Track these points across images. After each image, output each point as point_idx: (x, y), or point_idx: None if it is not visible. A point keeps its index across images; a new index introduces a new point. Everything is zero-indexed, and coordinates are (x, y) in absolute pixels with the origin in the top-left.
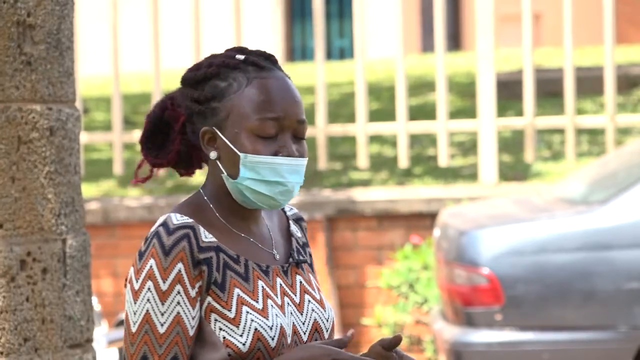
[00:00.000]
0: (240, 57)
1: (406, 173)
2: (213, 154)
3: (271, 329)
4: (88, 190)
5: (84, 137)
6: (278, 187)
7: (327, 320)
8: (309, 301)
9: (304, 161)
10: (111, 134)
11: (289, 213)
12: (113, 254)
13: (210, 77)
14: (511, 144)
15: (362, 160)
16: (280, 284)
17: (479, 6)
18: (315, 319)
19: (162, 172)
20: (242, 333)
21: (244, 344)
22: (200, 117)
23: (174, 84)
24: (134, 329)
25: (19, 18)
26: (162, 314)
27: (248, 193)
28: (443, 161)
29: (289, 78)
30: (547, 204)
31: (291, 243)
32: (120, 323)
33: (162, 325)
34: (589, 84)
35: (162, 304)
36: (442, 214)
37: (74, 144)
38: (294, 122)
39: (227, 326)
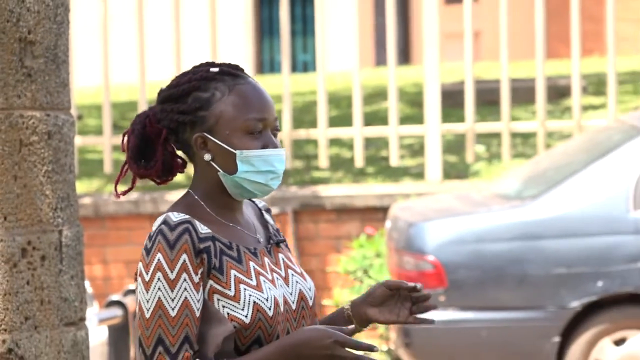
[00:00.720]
0: (215, 69)
1: (361, 172)
2: (207, 156)
3: (267, 300)
4: (81, 187)
5: (78, 140)
6: (270, 174)
7: (310, 290)
8: (292, 274)
9: (284, 151)
10: (102, 138)
11: (259, 205)
12: (103, 243)
13: (193, 90)
14: (454, 146)
15: (323, 160)
16: (268, 262)
17: (426, 25)
18: (300, 289)
19: None
20: (243, 307)
21: (246, 316)
22: (188, 126)
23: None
24: (147, 315)
25: (21, 35)
26: (172, 300)
27: (246, 184)
28: (394, 161)
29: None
30: (485, 199)
31: (268, 228)
32: (109, 304)
33: (172, 309)
34: (523, 93)
35: (172, 291)
36: (393, 208)
37: (69, 146)
38: (272, 120)
39: (229, 303)
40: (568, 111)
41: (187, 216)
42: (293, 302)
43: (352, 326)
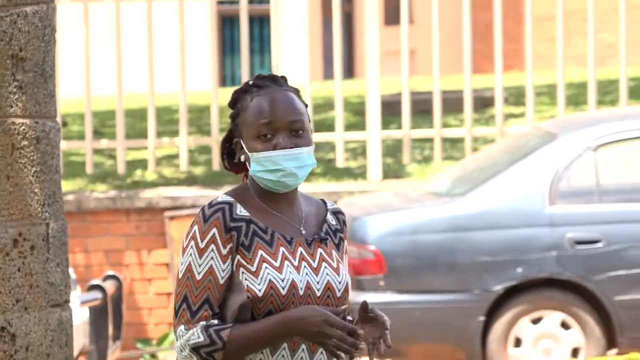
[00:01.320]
0: (250, 82)
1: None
2: (242, 158)
3: (283, 281)
4: (66, 185)
5: (63, 145)
6: (279, 172)
7: (340, 283)
8: (325, 267)
9: (298, 150)
10: (84, 142)
11: (329, 206)
12: (85, 234)
13: (235, 101)
14: (392, 150)
15: None
16: (301, 252)
17: (367, 43)
18: (328, 281)
19: (121, 171)
20: (260, 282)
21: (259, 290)
22: (234, 131)
23: (134, 104)
24: (180, 276)
25: (13, 52)
26: (199, 265)
27: (264, 182)
28: (340, 163)
29: (290, 91)
30: (420, 196)
31: (322, 226)
32: (90, 288)
33: (199, 274)
34: (452, 103)
35: (200, 258)
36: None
37: (55, 150)
38: (285, 123)
39: (249, 277)
40: (492, 119)
41: (230, 199)
42: (318, 290)
43: (342, 308)
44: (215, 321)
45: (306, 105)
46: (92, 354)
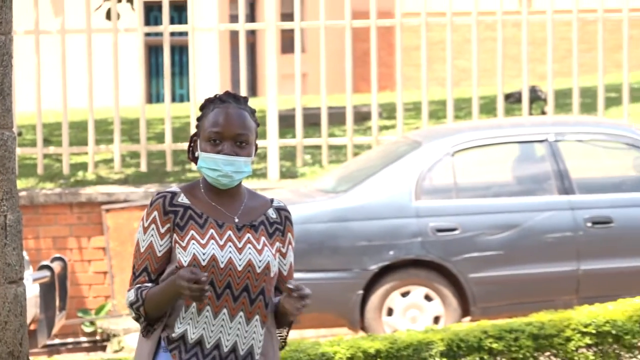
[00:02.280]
0: (218, 95)
1: None
2: (196, 153)
3: (204, 254)
4: (20, 184)
5: (18, 150)
6: (216, 172)
7: (260, 262)
8: (249, 248)
9: (237, 158)
10: (35, 149)
11: (274, 204)
12: (36, 224)
13: (202, 107)
14: (287, 155)
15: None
16: (229, 235)
17: (268, 68)
18: (250, 259)
19: (66, 172)
20: (186, 255)
21: (185, 261)
22: (198, 130)
23: (77, 117)
24: (134, 248)
25: None
26: (144, 241)
27: (207, 177)
28: None
29: (245, 110)
30: (310, 193)
31: (259, 217)
32: (40, 267)
33: (142, 247)
34: (337, 117)
35: (144, 234)
36: None
37: (12, 155)
38: (232, 134)
39: (180, 251)
40: (369, 130)
41: (176, 189)
42: (240, 265)
43: (196, 271)
44: (148, 284)
45: (258, 125)
46: (42, 321)
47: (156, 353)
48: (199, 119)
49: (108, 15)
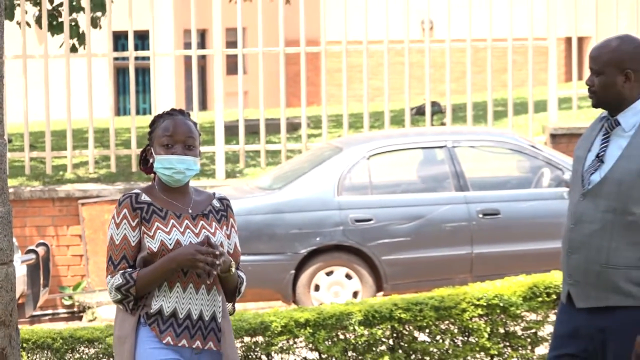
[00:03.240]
0: (164, 112)
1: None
2: (151, 160)
3: (170, 240)
4: (10, 182)
5: (9, 155)
6: (171, 170)
7: (215, 243)
8: (204, 232)
9: (187, 157)
10: (23, 153)
11: (216, 195)
12: (23, 215)
13: (152, 124)
14: (232, 158)
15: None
16: (187, 223)
17: (215, 86)
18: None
19: (48, 172)
20: (155, 242)
21: (154, 247)
22: (150, 143)
23: (58, 127)
24: (108, 244)
25: None
26: (117, 235)
27: (162, 176)
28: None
29: (189, 120)
30: (251, 190)
31: (207, 208)
32: (27, 251)
33: (117, 240)
34: (273, 127)
35: (117, 229)
36: None
37: (3, 158)
38: (181, 138)
39: (149, 240)
40: (299, 138)
41: (138, 191)
42: None
43: (204, 239)
44: (129, 269)
45: (199, 134)
46: (29, 296)
47: (137, 328)
48: (150, 133)
49: (80, 44)
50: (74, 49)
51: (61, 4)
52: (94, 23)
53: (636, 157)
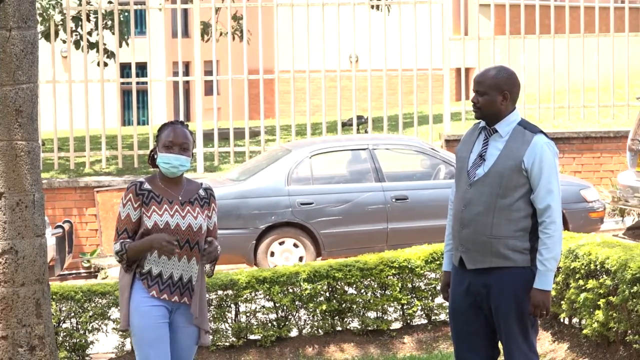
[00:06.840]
0: (168, 122)
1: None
2: (156, 157)
3: (161, 221)
4: (43, 175)
5: (42, 155)
6: (169, 165)
7: (196, 224)
8: (189, 215)
9: (182, 156)
10: (53, 153)
11: (203, 186)
12: (53, 200)
13: (161, 128)
14: (209, 157)
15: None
16: (176, 208)
17: (196, 104)
18: (189, 223)
19: (72, 168)
20: (150, 221)
21: (149, 225)
22: (156, 145)
23: (79, 134)
24: (117, 218)
25: (16, 108)
26: (123, 212)
27: (162, 169)
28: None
29: (185, 129)
30: (223, 181)
31: (194, 196)
32: (56, 227)
33: (123, 217)
34: (239, 134)
35: (123, 208)
36: None
37: (38, 157)
38: (179, 142)
39: (146, 219)
40: (259, 142)
41: (142, 180)
42: (183, 226)
43: (174, 238)
44: (128, 240)
45: (193, 140)
46: (57, 260)
47: (133, 282)
48: (157, 136)
49: (109, 57)
50: (105, 64)
51: (95, 27)
52: (120, 43)
53: (511, 156)
